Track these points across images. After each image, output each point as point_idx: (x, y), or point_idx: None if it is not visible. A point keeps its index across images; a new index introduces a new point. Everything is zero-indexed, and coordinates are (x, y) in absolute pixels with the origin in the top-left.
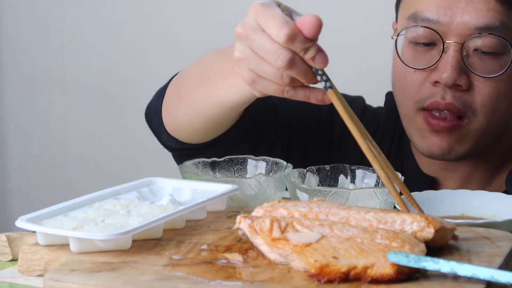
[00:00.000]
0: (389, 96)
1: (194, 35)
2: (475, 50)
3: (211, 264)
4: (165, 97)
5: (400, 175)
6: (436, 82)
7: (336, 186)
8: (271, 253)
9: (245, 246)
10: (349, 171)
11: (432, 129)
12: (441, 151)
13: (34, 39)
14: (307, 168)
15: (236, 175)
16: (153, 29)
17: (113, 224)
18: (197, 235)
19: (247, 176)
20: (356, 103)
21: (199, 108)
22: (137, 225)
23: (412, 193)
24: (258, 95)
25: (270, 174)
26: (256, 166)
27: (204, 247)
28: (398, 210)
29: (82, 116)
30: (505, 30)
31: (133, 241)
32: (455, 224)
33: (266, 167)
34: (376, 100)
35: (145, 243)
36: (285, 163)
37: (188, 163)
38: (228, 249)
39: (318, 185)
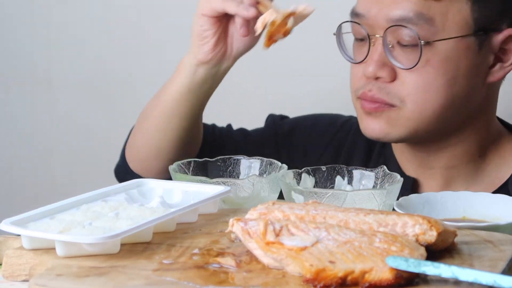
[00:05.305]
0: None
1: (186, 31)
2: (398, 42)
3: (203, 269)
4: (127, 141)
5: None
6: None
7: (333, 187)
8: (265, 258)
9: (238, 250)
10: (346, 172)
11: (366, 112)
12: (374, 133)
13: (18, 34)
14: (302, 169)
15: (229, 176)
16: (143, 24)
17: (101, 227)
18: (188, 238)
19: (240, 177)
20: (320, 121)
21: (154, 123)
22: (126, 228)
23: (411, 195)
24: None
25: (264, 175)
26: (249, 166)
27: (196, 251)
28: (399, 212)
29: (68, 115)
30: (421, 21)
31: (122, 244)
32: (456, 227)
33: (260, 168)
34: None
35: (134, 247)
36: (279, 163)
37: (179, 164)
38: (221, 253)
39: (314, 187)
